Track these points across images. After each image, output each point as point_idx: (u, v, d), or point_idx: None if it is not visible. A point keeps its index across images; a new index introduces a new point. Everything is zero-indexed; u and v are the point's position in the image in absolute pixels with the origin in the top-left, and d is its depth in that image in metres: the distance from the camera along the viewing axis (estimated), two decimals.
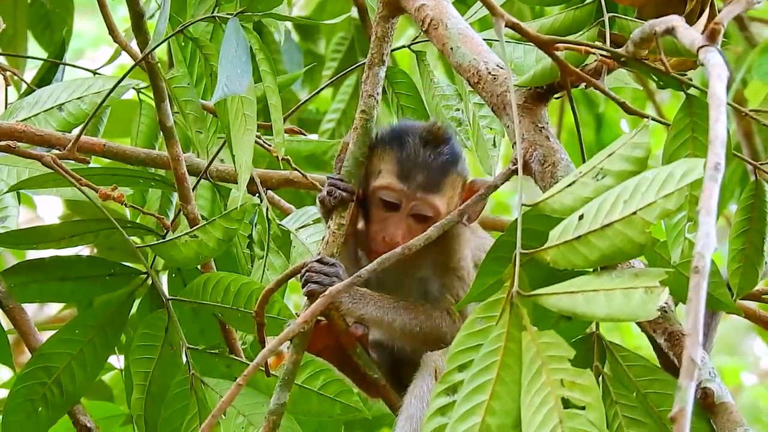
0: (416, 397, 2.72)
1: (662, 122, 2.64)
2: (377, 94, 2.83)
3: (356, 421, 4.12)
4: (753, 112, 2.82)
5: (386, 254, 2.45)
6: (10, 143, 3.32)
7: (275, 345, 2.39)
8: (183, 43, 3.21)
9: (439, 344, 2.79)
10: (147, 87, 3.63)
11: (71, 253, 3.34)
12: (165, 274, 3.47)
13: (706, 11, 2.55)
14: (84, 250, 4.02)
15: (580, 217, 2.20)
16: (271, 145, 3.45)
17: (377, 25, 2.84)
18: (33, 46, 4.36)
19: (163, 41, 3.15)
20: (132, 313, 3.27)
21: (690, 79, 2.52)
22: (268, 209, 3.37)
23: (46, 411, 3.18)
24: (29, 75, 3.95)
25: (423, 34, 2.78)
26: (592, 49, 2.51)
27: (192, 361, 3.08)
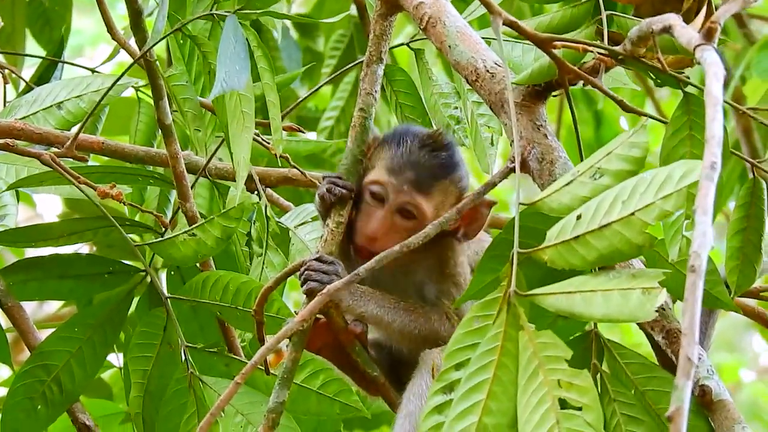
0: (415, 395, 2.71)
1: (660, 120, 2.64)
2: (376, 92, 2.83)
3: (355, 419, 4.13)
4: (751, 110, 2.82)
5: (384, 252, 2.45)
6: (9, 141, 3.32)
7: (274, 343, 2.39)
8: (181, 41, 3.20)
9: (437, 346, 2.78)
10: (145, 85, 3.63)
11: (70, 251, 3.33)
12: (164, 271, 3.47)
13: (703, 9, 2.55)
14: (83, 248, 4.02)
15: (578, 217, 2.20)
16: (269, 143, 3.46)
17: (375, 23, 2.83)
18: (31, 44, 4.36)
19: (161, 39, 3.15)
20: (131, 311, 3.27)
21: (687, 77, 2.52)
22: (266, 207, 3.37)
23: (45, 409, 3.17)
24: (27, 73, 3.94)
25: (421, 31, 2.78)
26: (590, 47, 2.52)
27: (191, 359, 3.08)
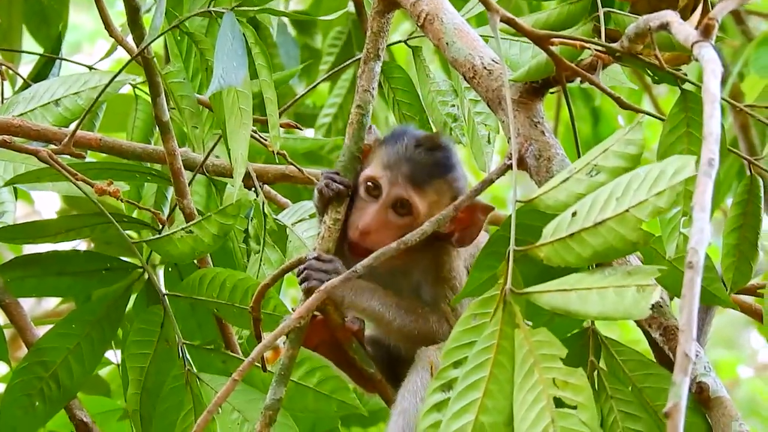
0: (409, 392, 2.71)
1: (657, 117, 2.64)
2: (373, 89, 2.83)
3: (353, 416, 4.13)
4: (748, 107, 2.82)
5: (381, 249, 2.45)
6: (6, 138, 3.32)
7: (271, 340, 2.39)
8: (179, 38, 3.20)
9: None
10: (143, 82, 3.63)
11: (68, 247, 3.33)
12: (162, 268, 3.47)
13: (700, 6, 2.55)
14: (81, 244, 4.02)
15: (574, 214, 2.20)
16: (267, 140, 3.45)
17: (373, 20, 2.83)
18: (28, 41, 4.35)
19: (158, 36, 3.14)
20: (128, 308, 3.27)
21: (685, 74, 2.52)
22: (264, 204, 3.37)
23: (43, 406, 3.17)
24: (25, 70, 3.94)
25: (419, 29, 2.78)
26: (587, 44, 2.51)
27: (188, 356, 3.08)
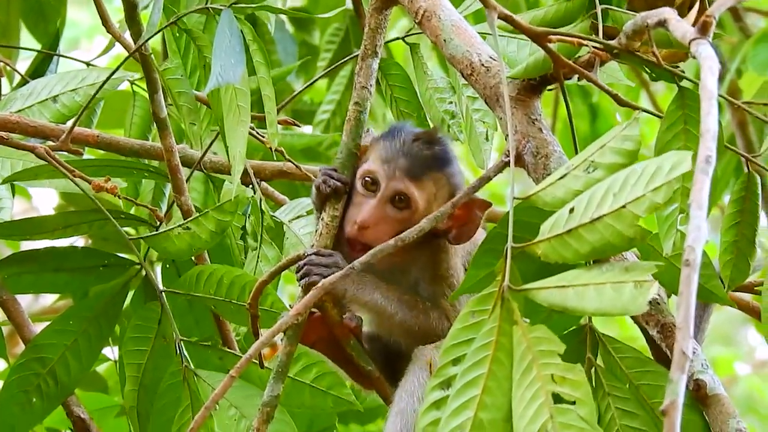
0: (407, 392, 2.70)
1: (655, 114, 2.64)
2: (370, 85, 2.82)
3: (351, 413, 4.13)
4: (746, 104, 2.82)
5: (379, 246, 2.44)
6: (4, 134, 3.32)
7: (269, 337, 2.38)
8: (177, 35, 3.20)
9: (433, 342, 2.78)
10: (141, 78, 3.62)
11: (66, 244, 3.33)
12: (159, 265, 3.47)
13: (697, 3, 2.55)
14: (78, 241, 4.02)
15: (571, 211, 2.20)
16: (264, 137, 3.45)
17: (371, 17, 2.83)
18: (26, 37, 4.35)
19: (156, 32, 3.14)
20: (126, 304, 3.27)
21: (682, 71, 2.52)
22: (261, 201, 3.37)
23: (40, 402, 3.17)
24: (22, 66, 3.94)
25: (416, 25, 2.78)
26: (585, 41, 2.51)
27: (185, 353, 3.08)
